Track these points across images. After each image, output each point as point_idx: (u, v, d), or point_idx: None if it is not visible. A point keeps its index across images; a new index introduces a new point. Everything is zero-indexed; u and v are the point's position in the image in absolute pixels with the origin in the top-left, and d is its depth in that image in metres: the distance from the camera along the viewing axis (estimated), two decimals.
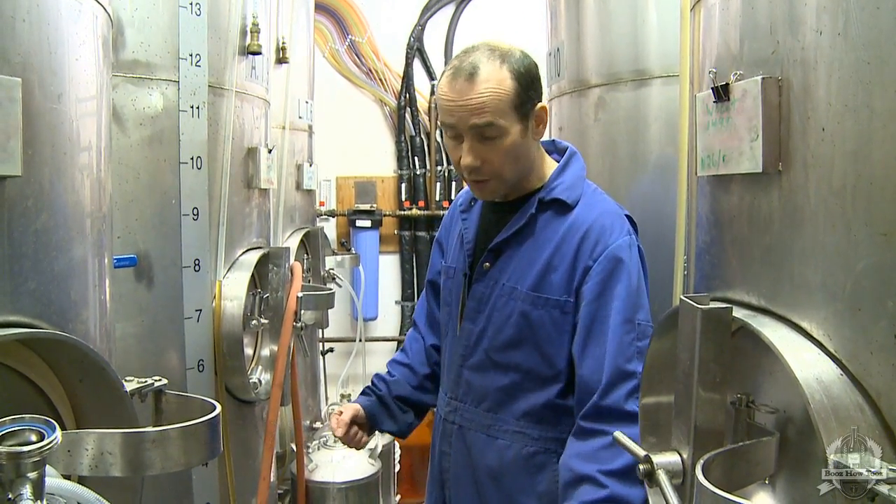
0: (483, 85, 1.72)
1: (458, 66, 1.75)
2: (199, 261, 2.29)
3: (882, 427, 0.95)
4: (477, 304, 1.90)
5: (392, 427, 2.10)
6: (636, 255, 1.79)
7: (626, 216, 1.86)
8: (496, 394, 1.88)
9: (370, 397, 2.11)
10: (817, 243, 1.05)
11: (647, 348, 1.68)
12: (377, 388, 2.12)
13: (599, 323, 1.74)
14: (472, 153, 1.76)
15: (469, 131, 1.75)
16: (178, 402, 1.49)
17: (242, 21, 2.53)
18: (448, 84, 1.77)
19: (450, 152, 1.85)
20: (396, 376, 2.14)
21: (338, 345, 5.11)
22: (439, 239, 2.19)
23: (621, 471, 1.65)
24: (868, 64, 0.96)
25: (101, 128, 1.43)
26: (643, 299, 1.77)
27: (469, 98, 1.72)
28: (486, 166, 1.78)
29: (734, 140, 1.21)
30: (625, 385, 1.70)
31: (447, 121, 1.78)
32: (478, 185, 1.85)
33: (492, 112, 1.72)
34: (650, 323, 1.75)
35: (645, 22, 2.46)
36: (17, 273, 1.15)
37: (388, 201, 5.58)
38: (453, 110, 1.75)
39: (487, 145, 1.76)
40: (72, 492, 1.09)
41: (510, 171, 1.81)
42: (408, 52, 5.48)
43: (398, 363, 2.18)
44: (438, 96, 1.81)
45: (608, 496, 1.65)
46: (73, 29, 1.29)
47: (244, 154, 2.57)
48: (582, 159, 1.97)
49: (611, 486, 1.65)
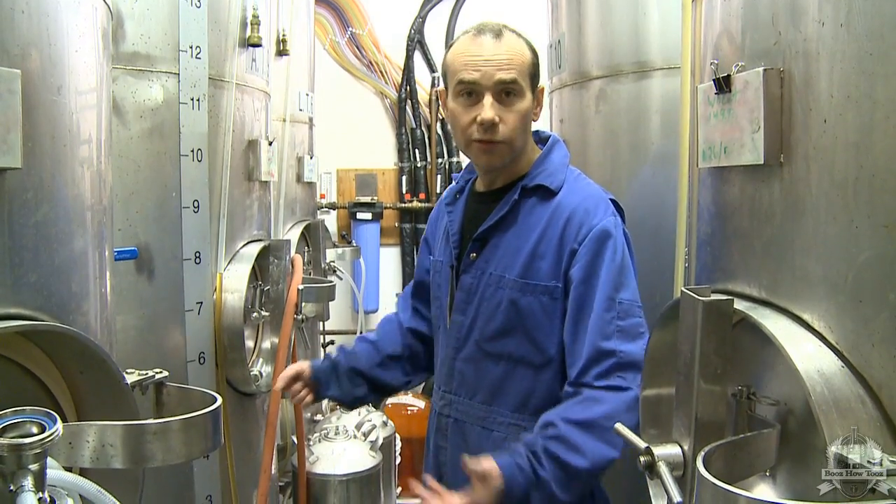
0: (509, 44, 1.79)
1: (481, 27, 1.82)
2: (200, 253, 2.29)
3: (883, 419, 0.95)
4: (466, 295, 1.90)
5: (336, 392, 2.09)
6: (621, 235, 1.80)
7: (610, 200, 1.86)
8: (489, 385, 1.88)
9: (324, 361, 2.12)
10: (819, 235, 1.05)
11: (633, 328, 1.71)
12: (334, 355, 2.13)
13: (587, 308, 1.74)
14: (493, 108, 1.77)
15: (494, 87, 1.77)
16: (179, 394, 1.50)
17: (243, 13, 2.52)
18: (472, 41, 1.80)
19: (460, 115, 1.82)
20: (357, 350, 2.14)
21: (339, 337, 5.11)
22: (426, 237, 2.19)
23: (581, 421, 1.66)
24: (870, 55, 0.95)
25: (102, 120, 1.43)
26: (627, 278, 1.77)
27: (497, 53, 1.77)
28: (502, 127, 1.79)
29: (736, 132, 1.20)
30: (602, 364, 1.70)
31: (469, 77, 1.78)
32: (488, 148, 1.82)
33: (517, 70, 1.78)
34: (636, 302, 1.75)
35: (646, 13, 2.46)
36: (17, 265, 1.15)
37: (388, 194, 5.58)
38: (479, 65, 1.77)
39: (506, 105, 1.79)
40: (73, 483, 1.09)
41: (519, 139, 1.83)
42: (408, 45, 5.47)
43: (364, 340, 2.18)
44: (457, 55, 1.82)
45: (556, 434, 1.66)
46: (72, 21, 1.29)
47: (245, 146, 2.57)
48: (565, 147, 1.98)
49: (563, 428, 1.66)
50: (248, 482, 2.59)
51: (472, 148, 1.84)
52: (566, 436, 1.65)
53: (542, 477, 1.64)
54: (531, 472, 1.64)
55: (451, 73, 1.84)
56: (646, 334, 1.72)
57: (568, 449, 1.65)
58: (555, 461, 1.65)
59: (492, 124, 1.77)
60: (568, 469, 1.65)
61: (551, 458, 1.65)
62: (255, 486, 2.59)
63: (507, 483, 1.62)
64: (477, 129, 1.79)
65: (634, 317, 1.74)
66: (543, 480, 1.64)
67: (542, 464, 1.65)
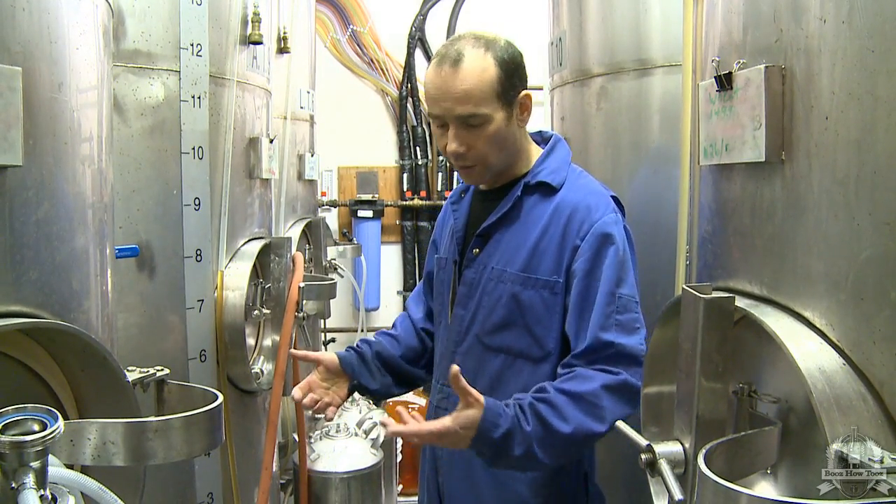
0: (467, 72, 1.76)
1: (444, 53, 1.80)
2: (201, 251, 2.29)
3: (884, 416, 0.95)
4: (468, 289, 1.92)
5: (371, 383, 2.01)
6: (622, 231, 1.82)
7: (611, 197, 1.89)
8: (488, 378, 1.89)
9: (348, 352, 2.04)
10: (820, 233, 1.05)
11: (630, 322, 1.74)
12: (357, 346, 2.07)
13: (590, 301, 1.77)
14: (456, 140, 1.80)
15: (454, 120, 1.79)
16: (180, 391, 1.50)
17: (243, 11, 2.52)
18: (433, 72, 1.81)
19: (437, 140, 1.89)
20: (380, 340, 2.11)
21: (340, 335, 5.12)
22: (434, 239, 2.21)
23: (570, 391, 1.68)
24: (872, 52, 0.95)
25: (102, 118, 1.43)
26: (627, 274, 1.79)
27: (453, 86, 1.77)
28: (472, 152, 1.81)
29: (737, 129, 1.20)
30: (599, 353, 1.73)
31: (433, 111, 1.82)
32: (465, 171, 1.89)
33: (475, 101, 1.77)
34: (634, 298, 1.78)
35: (647, 11, 2.45)
36: (18, 263, 1.15)
37: (389, 191, 5.58)
38: (438, 99, 1.79)
39: (472, 132, 1.80)
40: (75, 481, 1.10)
41: (495, 158, 1.84)
42: (409, 42, 5.46)
43: (384, 333, 2.16)
44: (426, 85, 1.86)
45: (544, 398, 1.68)
46: (73, 18, 1.29)
47: (246, 144, 2.57)
48: (567, 145, 2.00)
49: (553, 395, 1.68)
50: (250, 480, 2.59)
51: (456, 167, 1.91)
52: (554, 401, 1.67)
53: (525, 430, 1.65)
54: (515, 420, 1.64)
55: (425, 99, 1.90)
56: (642, 329, 1.76)
57: (553, 412, 1.66)
58: (539, 419, 1.66)
59: (457, 155, 1.82)
60: (550, 430, 1.66)
61: (536, 415, 1.66)
62: (256, 483, 2.59)
63: (487, 420, 1.61)
64: (449, 156, 1.85)
65: (632, 312, 1.77)
66: (526, 433, 1.64)
67: (527, 419, 1.66)
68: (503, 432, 1.63)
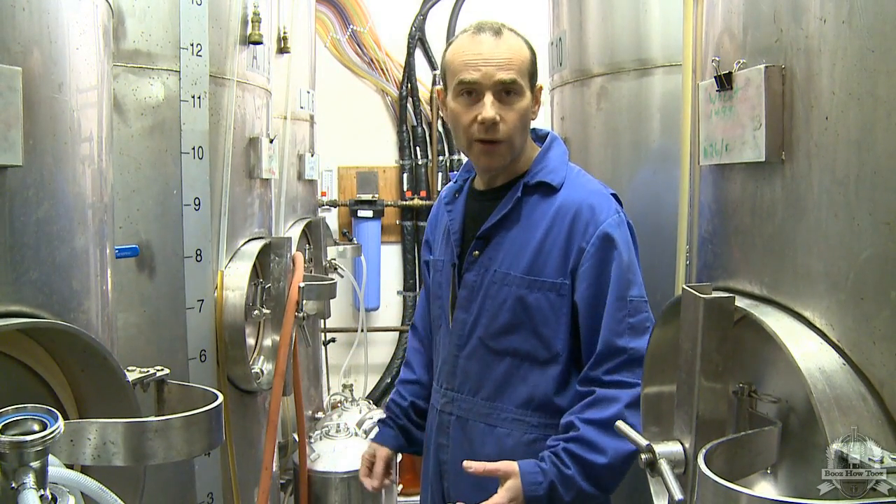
0: (508, 42, 1.79)
1: (479, 25, 1.81)
2: (201, 251, 2.29)
3: (884, 416, 0.95)
4: (469, 292, 1.90)
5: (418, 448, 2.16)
6: (626, 232, 1.82)
7: (612, 195, 1.89)
8: (494, 381, 1.88)
9: (392, 430, 2.16)
10: (820, 233, 1.05)
11: (641, 323, 1.76)
12: (397, 417, 2.17)
13: (601, 306, 1.78)
14: (494, 107, 1.78)
15: (494, 87, 1.77)
16: (181, 391, 1.49)
17: (243, 10, 2.52)
18: (471, 40, 1.80)
19: (461, 114, 1.82)
20: (409, 398, 2.17)
21: (340, 335, 5.11)
22: (427, 239, 2.20)
23: (598, 420, 1.72)
24: (872, 52, 0.95)
25: (102, 118, 1.43)
26: (635, 275, 1.80)
27: (496, 52, 1.77)
28: (503, 126, 1.79)
29: (737, 129, 1.20)
30: (613, 360, 1.75)
31: (469, 77, 1.78)
32: (489, 149, 1.83)
33: (517, 69, 1.78)
34: (644, 298, 1.80)
35: (647, 11, 2.45)
36: (18, 263, 1.15)
37: (389, 191, 5.57)
38: (479, 64, 1.77)
39: (506, 104, 1.79)
40: (75, 481, 1.09)
41: (519, 138, 1.84)
42: (409, 42, 5.46)
43: (406, 382, 2.21)
44: (457, 54, 1.82)
45: (576, 436, 1.73)
46: (73, 18, 1.29)
47: (246, 144, 2.57)
48: (563, 143, 2.00)
49: (583, 429, 1.73)
50: (250, 480, 2.59)
51: (474, 149, 1.85)
52: (585, 437, 1.72)
53: (566, 475, 1.71)
54: (555, 470, 1.71)
55: (450, 72, 1.83)
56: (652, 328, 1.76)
57: (587, 448, 1.71)
58: (576, 460, 1.72)
59: (493, 123, 1.77)
60: (590, 466, 1.71)
61: (572, 456, 1.72)
62: (256, 483, 2.59)
63: (527, 483, 1.69)
64: (478, 129, 1.79)
65: (642, 312, 1.78)
66: (569, 477, 1.71)
67: (565, 463, 1.72)
68: (547, 486, 1.70)
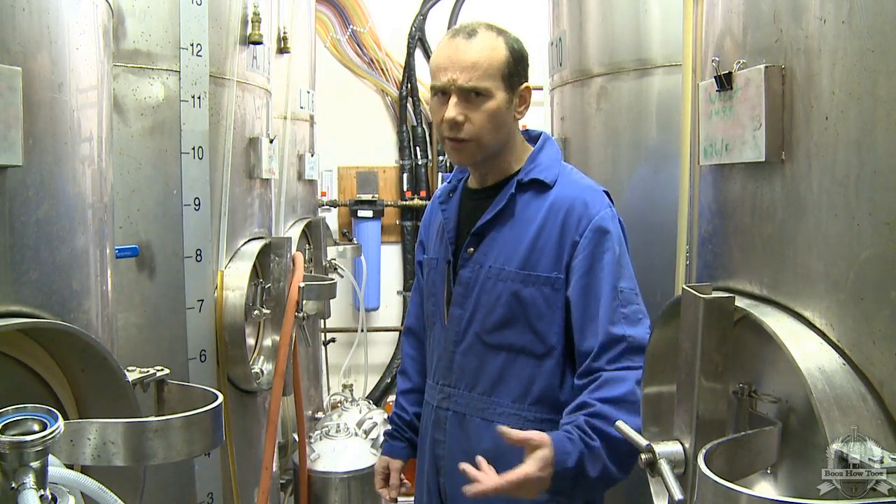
0: (479, 46, 1.81)
1: (459, 28, 1.86)
2: (201, 251, 2.29)
3: (884, 416, 0.95)
4: (464, 288, 1.92)
5: None
6: (618, 226, 1.85)
7: (604, 192, 1.91)
8: (490, 376, 1.90)
9: (401, 442, 2.18)
10: (820, 233, 1.05)
11: (634, 314, 1.78)
12: (403, 430, 2.19)
13: (594, 299, 1.79)
14: (456, 108, 1.81)
15: (457, 90, 1.80)
16: (181, 391, 1.49)
17: (243, 10, 2.52)
18: (445, 44, 1.85)
19: (434, 113, 1.90)
20: (411, 409, 2.19)
21: (340, 335, 5.11)
22: (421, 239, 2.21)
23: (611, 398, 1.72)
24: (872, 52, 0.95)
25: (102, 118, 1.43)
26: (626, 267, 1.83)
27: (463, 56, 1.80)
28: (468, 126, 1.82)
29: (737, 129, 1.20)
30: (614, 349, 1.76)
31: (437, 80, 1.84)
32: (457, 147, 1.87)
33: (481, 74, 1.80)
34: (634, 289, 1.82)
35: (647, 11, 2.45)
36: (18, 263, 1.15)
37: (389, 191, 5.58)
38: (446, 68, 1.81)
39: (472, 105, 1.81)
40: (75, 481, 1.09)
41: (489, 137, 1.85)
42: (409, 42, 5.46)
43: (407, 392, 2.22)
44: (433, 57, 1.88)
45: (594, 412, 1.71)
46: (73, 18, 1.29)
47: (245, 144, 2.57)
48: (556, 144, 2.02)
49: (599, 406, 1.72)
50: (250, 480, 2.59)
51: (446, 146, 1.90)
52: (603, 412, 1.71)
53: (593, 447, 1.69)
54: (581, 443, 1.69)
55: (430, 73, 1.91)
56: (646, 319, 1.80)
57: (608, 423, 1.68)
58: (599, 433, 1.70)
59: (455, 123, 1.82)
60: (611, 441, 1.69)
61: (595, 430, 1.70)
62: (256, 483, 2.59)
63: (559, 451, 1.66)
64: (445, 128, 1.84)
65: (634, 303, 1.80)
66: (596, 450, 1.69)
67: (590, 435, 1.70)
68: (577, 458, 1.68)
